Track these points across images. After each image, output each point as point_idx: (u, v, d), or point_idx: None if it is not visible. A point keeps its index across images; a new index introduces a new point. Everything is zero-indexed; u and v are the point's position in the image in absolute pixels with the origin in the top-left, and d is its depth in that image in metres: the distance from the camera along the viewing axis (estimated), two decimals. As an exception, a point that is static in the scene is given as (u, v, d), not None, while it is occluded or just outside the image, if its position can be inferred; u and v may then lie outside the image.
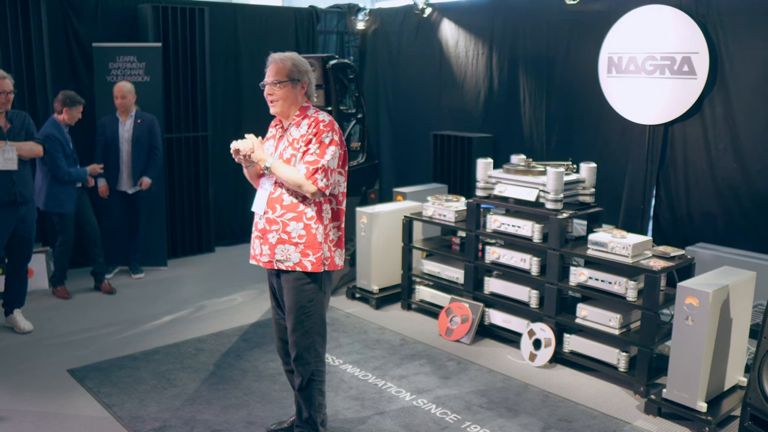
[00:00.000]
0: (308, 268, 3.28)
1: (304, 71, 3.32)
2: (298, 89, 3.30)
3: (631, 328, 4.42)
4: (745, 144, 5.16)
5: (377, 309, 5.75)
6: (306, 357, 3.38)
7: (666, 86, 5.48)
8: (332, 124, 3.29)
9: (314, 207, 3.28)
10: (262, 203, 3.35)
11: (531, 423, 3.91)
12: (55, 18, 6.42)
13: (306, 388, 3.43)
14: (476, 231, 5.15)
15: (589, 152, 6.04)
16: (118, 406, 4.02)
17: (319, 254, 3.28)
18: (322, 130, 3.23)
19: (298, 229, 3.27)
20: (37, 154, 5.08)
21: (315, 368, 3.41)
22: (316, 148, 3.22)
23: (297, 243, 3.27)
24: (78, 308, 5.70)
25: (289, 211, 3.28)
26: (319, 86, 5.95)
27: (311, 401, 3.46)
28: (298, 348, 3.37)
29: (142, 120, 6.20)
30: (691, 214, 5.56)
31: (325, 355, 3.52)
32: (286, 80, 3.27)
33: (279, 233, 3.29)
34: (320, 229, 3.29)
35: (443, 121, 7.63)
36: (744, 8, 5.09)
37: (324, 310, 3.42)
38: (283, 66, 3.28)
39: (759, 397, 3.40)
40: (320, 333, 3.41)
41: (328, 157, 3.21)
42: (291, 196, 3.28)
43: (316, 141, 3.22)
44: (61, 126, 5.67)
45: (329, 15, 8.43)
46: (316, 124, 3.25)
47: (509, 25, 6.84)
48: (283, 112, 3.33)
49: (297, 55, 3.36)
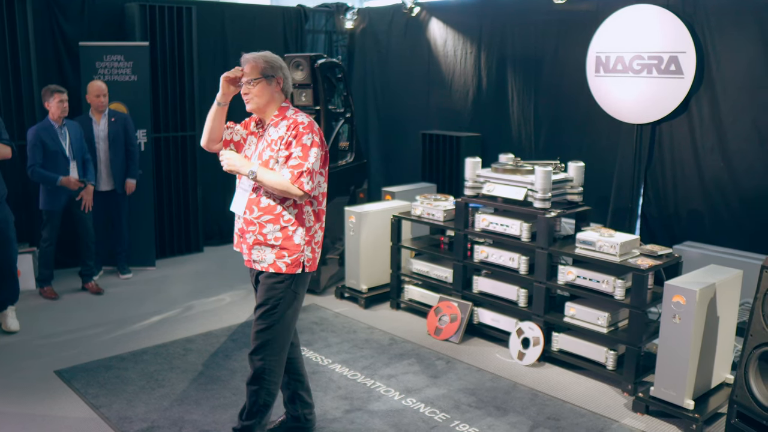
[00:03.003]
0: (282, 270, 3.25)
1: (278, 67, 3.30)
2: (273, 86, 3.28)
3: (618, 327, 4.44)
4: (732, 143, 5.19)
5: (366, 308, 5.75)
6: (261, 352, 3.31)
7: (653, 85, 5.50)
8: (312, 125, 3.25)
9: (293, 209, 3.26)
10: (241, 204, 3.32)
11: (519, 422, 3.92)
12: (42, 16, 6.37)
13: (254, 383, 3.35)
14: (465, 230, 5.16)
15: (577, 151, 6.06)
16: (106, 407, 4.00)
17: (297, 256, 3.25)
18: (302, 132, 3.20)
19: (274, 231, 3.24)
20: (4, 156, 4.96)
21: (268, 366, 3.32)
22: (299, 151, 3.18)
23: (273, 245, 3.25)
24: (65, 309, 5.66)
25: (266, 213, 3.25)
26: (307, 85, 5.94)
27: (256, 398, 3.37)
28: (257, 341, 3.32)
29: (116, 118, 6.14)
30: (678, 213, 5.59)
31: (284, 357, 3.39)
32: (260, 77, 3.25)
33: (256, 234, 3.26)
34: (299, 231, 3.26)
35: (432, 121, 7.63)
36: (731, 8, 5.12)
37: (292, 310, 3.33)
38: (256, 64, 3.27)
39: (745, 395, 3.42)
40: (283, 333, 3.33)
41: (312, 160, 3.18)
42: (269, 199, 3.25)
43: (297, 144, 3.19)
44: (49, 123, 5.61)
45: (317, 14, 8.42)
46: (295, 126, 3.22)
47: (497, 24, 6.86)
48: (260, 109, 3.31)
49: (270, 53, 3.35)
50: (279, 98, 3.33)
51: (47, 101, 5.61)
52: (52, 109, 5.60)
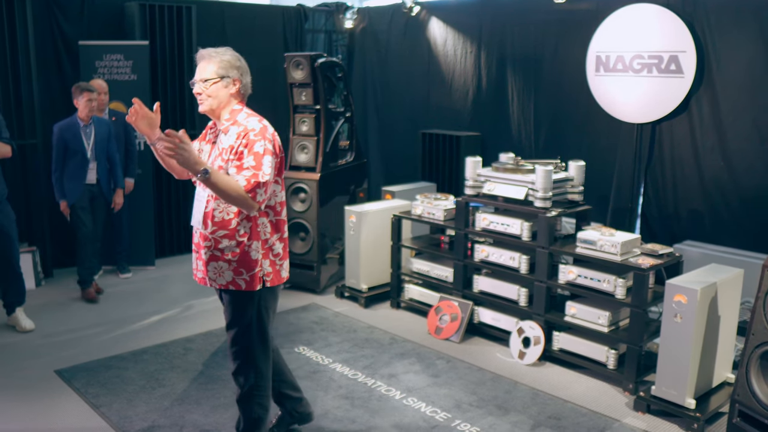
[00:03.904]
0: (242, 287, 3.08)
1: (235, 67, 3.07)
2: (229, 87, 3.06)
3: (619, 326, 4.44)
4: (732, 142, 5.19)
5: (366, 308, 5.75)
6: (244, 372, 3.24)
7: (653, 85, 5.50)
8: (264, 131, 3.01)
9: (247, 222, 3.04)
10: (198, 217, 3.13)
11: (521, 421, 3.91)
12: (41, 15, 6.36)
13: (244, 401, 3.31)
14: (465, 229, 5.16)
15: (577, 150, 6.06)
16: (106, 407, 3.99)
17: (255, 272, 3.07)
18: (254, 140, 2.96)
19: (231, 246, 3.03)
20: (5, 155, 4.93)
21: (254, 383, 3.25)
22: (251, 160, 2.93)
23: (230, 261, 3.04)
24: (65, 308, 5.65)
25: (220, 228, 3.04)
26: (307, 85, 5.94)
27: (249, 414, 3.33)
28: (237, 362, 3.24)
29: (116, 118, 6.13)
30: (678, 212, 5.59)
31: (269, 368, 3.32)
32: (214, 77, 3.03)
33: (211, 250, 3.07)
34: (255, 245, 3.06)
35: (432, 120, 7.63)
36: (731, 7, 5.12)
37: (265, 325, 3.22)
38: (211, 62, 3.04)
39: (747, 394, 3.42)
40: (261, 348, 3.23)
41: (267, 170, 2.94)
42: (222, 213, 3.04)
43: (249, 153, 2.94)
44: (75, 120, 5.57)
45: (317, 13, 8.41)
46: (246, 133, 2.97)
47: (497, 23, 6.85)
48: (212, 111, 3.09)
49: (228, 50, 3.10)
50: (234, 101, 3.11)
51: (76, 99, 5.57)
52: (80, 108, 5.57)
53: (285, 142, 6.98)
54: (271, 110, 7.90)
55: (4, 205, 4.98)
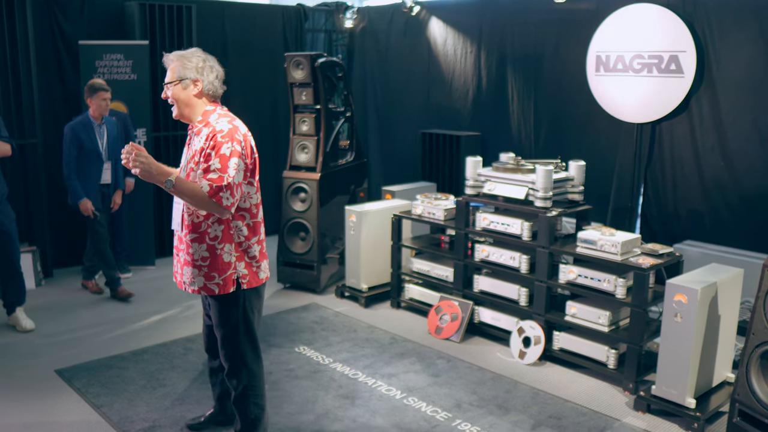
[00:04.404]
0: (215, 292, 3.07)
1: (193, 68, 3.02)
2: (190, 89, 3.02)
3: (620, 326, 4.45)
4: (732, 142, 5.20)
5: (366, 307, 5.75)
6: (237, 372, 3.28)
7: (654, 85, 5.50)
8: (232, 133, 2.95)
9: (219, 226, 3.01)
10: (178, 219, 3.14)
11: (521, 420, 3.92)
12: (41, 15, 6.36)
13: (240, 402, 3.34)
14: (465, 229, 5.16)
15: (577, 150, 6.06)
16: (107, 407, 3.99)
17: (228, 275, 3.06)
18: (221, 142, 2.91)
19: (200, 251, 3.03)
20: (5, 154, 4.92)
21: (248, 383, 3.30)
22: (217, 162, 2.89)
23: (201, 266, 3.04)
24: (65, 308, 5.66)
25: (191, 232, 3.04)
26: (308, 84, 5.94)
27: (246, 414, 3.35)
28: (229, 363, 3.28)
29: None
30: (678, 212, 5.59)
31: (261, 367, 3.36)
32: (174, 80, 3.01)
33: (185, 254, 3.09)
34: (227, 248, 3.04)
35: (432, 120, 7.63)
36: (731, 7, 5.12)
37: (252, 325, 3.25)
38: (171, 65, 3.02)
39: (747, 393, 3.43)
40: (250, 348, 3.27)
41: (232, 173, 2.90)
42: (191, 216, 3.03)
43: (216, 155, 2.90)
44: (88, 119, 5.54)
45: (317, 13, 8.41)
46: (213, 135, 2.93)
47: (497, 23, 6.86)
48: (182, 115, 3.07)
49: (190, 51, 3.07)
50: (201, 102, 3.07)
51: (89, 98, 5.55)
52: (93, 107, 5.55)
53: (285, 142, 7.03)
54: (271, 110, 7.96)
55: (4, 204, 4.98)
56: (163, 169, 2.90)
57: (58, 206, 6.53)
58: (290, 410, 3.99)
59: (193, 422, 3.75)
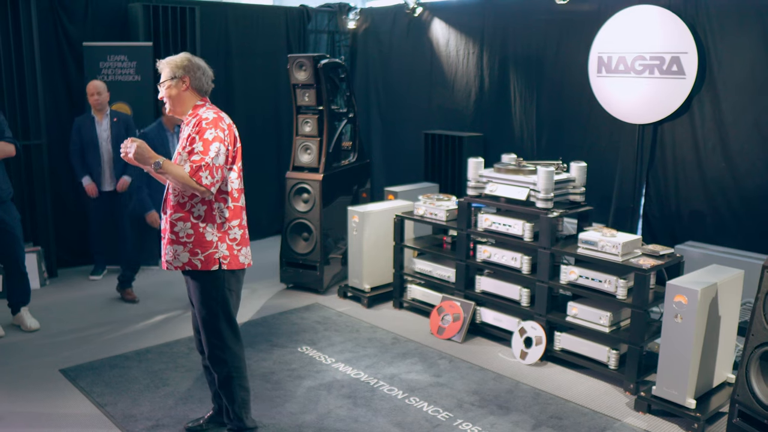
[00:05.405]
0: (198, 267, 3.29)
1: (182, 67, 3.33)
2: (180, 86, 3.33)
3: (621, 326, 4.46)
4: (734, 143, 5.21)
5: (369, 308, 5.77)
6: (219, 355, 3.44)
7: (655, 86, 5.52)
8: (216, 121, 3.27)
9: (202, 206, 3.28)
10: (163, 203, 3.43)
11: (522, 420, 3.94)
12: (46, 17, 6.39)
13: (225, 386, 3.48)
14: (467, 230, 5.18)
15: (579, 151, 6.08)
16: (111, 406, 4.02)
17: (210, 252, 3.28)
18: (205, 128, 3.23)
19: (185, 228, 3.27)
20: (9, 154, 4.94)
21: (231, 365, 3.46)
22: (200, 146, 3.20)
23: (185, 243, 3.28)
24: (69, 308, 5.69)
25: (176, 212, 3.29)
26: (311, 86, 5.96)
27: (233, 397, 3.50)
28: (210, 347, 3.44)
29: (118, 118, 6.18)
30: (680, 213, 5.60)
31: (241, 348, 3.52)
32: (166, 79, 3.33)
33: (168, 234, 3.32)
34: (210, 227, 3.29)
35: (434, 120, 7.65)
36: (732, 8, 5.13)
37: (230, 308, 3.43)
38: (164, 67, 3.34)
39: (747, 394, 3.44)
40: (229, 330, 3.44)
41: (212, 155, 3.19)
42: (177, 197, 3.29)
43: (200, 139, 3.21)
44: (162, 126, 5.54)
45: (320, 14, 8.43)
46: (199, 122, 3.26)
47: (499, 24, 6.87)
48: (175, 110, 3.38)
49: (181, 55, 3.39)
50: (191, 97, 3.38)
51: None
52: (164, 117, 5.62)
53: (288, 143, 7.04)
54: (274, 111, 7.98)
55: (9, 205, 5.01)
56: (152, 153, 3.21)
57: (62, 207, 6.57)
58: (292, 410, 4.02)
59: (193, 425, 3.78)
